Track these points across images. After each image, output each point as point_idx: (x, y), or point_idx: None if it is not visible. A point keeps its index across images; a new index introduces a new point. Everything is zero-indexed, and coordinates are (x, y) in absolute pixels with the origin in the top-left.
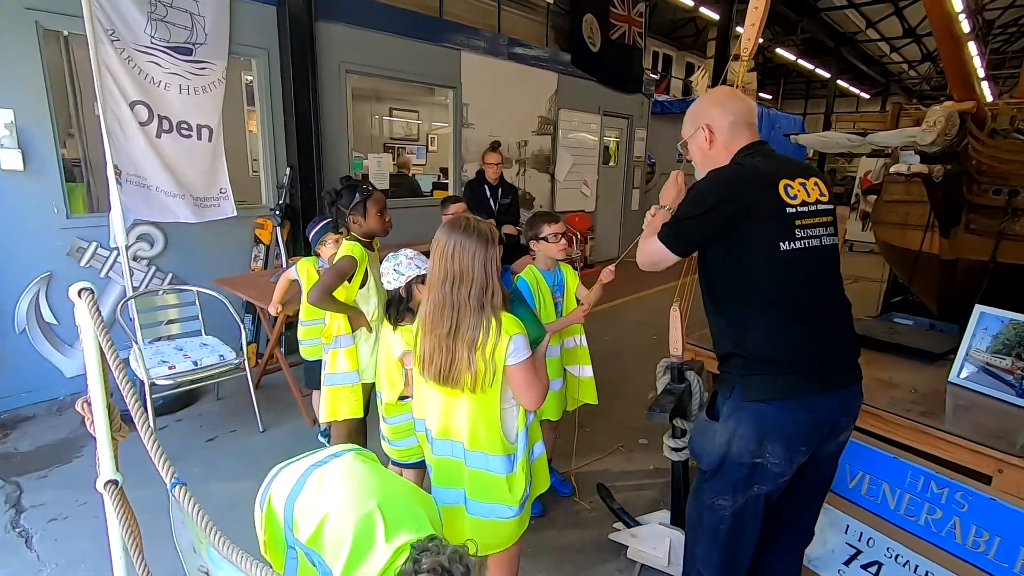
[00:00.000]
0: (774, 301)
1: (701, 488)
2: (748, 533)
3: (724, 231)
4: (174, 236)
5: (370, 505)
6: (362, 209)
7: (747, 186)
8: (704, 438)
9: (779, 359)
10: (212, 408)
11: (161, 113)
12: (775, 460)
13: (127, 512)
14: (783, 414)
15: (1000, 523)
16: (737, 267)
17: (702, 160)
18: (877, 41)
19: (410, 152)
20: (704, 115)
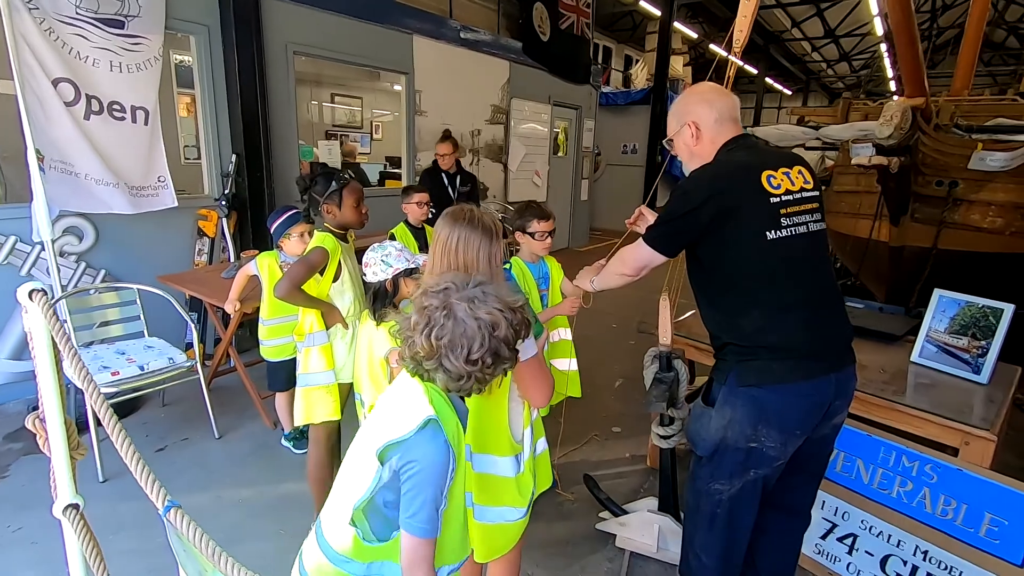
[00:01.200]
0: (764, 289)
1: (697, 474)
2: (745, 517)
3: (711, 227)
4: (106, 229)
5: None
6: (337, 198)
7: (731, 181)
8: (700, 424)
9: (772, 345)
10: (158, 415)
11: (89, 92)
12: (770, 444)
13: (90, 539)
14: (777, 398)
15: (966, 492)
16: (726, 259)
17: (688, 156)
18: (800, 40)
19: (354, 140)
20: (690, 112)
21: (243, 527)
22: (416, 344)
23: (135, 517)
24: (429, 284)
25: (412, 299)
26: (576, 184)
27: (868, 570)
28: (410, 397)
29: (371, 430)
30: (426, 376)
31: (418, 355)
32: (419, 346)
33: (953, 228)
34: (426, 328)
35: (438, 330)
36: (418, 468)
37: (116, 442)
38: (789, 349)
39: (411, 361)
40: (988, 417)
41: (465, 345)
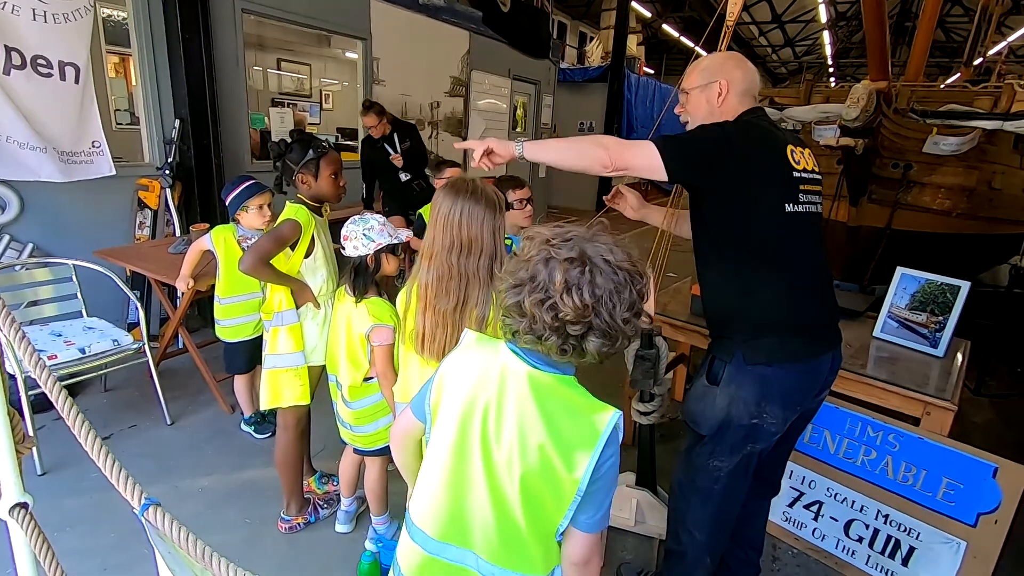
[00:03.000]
0: (782, 262)
1: (696, 451)
2: (739, 490)
3: (735, 174)
4: (33, 198)
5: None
6: (314, 168)
7: (764, 142)
8: (703, 404)
9: (785, 321)
10: (99, 401)
11: (9, 44)
12: (772, 420)
13: (42, 540)
14: (786, 376)
15: (926, 458)
16: (744, 226)
17: (706, 113)
18: (749, 24)
19: (303, 110)
20: (724, 71)
21: (204, 518)
22: (565, 305)
23: (83, 512)
24: (545, 235)
25: (523, 253)
26: None
27: (832, 534)
28: (564, 395)
29: (513, 443)
30: (569, 349)
31: (566, 317)
32: (568, 307)
33: (906, 209)
34: (574, 285)
35: (588, 285)
36: (609, 465)
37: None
38: (798, 327)
39: (550, 331)
40: (946, 388)
41: (619, 298)
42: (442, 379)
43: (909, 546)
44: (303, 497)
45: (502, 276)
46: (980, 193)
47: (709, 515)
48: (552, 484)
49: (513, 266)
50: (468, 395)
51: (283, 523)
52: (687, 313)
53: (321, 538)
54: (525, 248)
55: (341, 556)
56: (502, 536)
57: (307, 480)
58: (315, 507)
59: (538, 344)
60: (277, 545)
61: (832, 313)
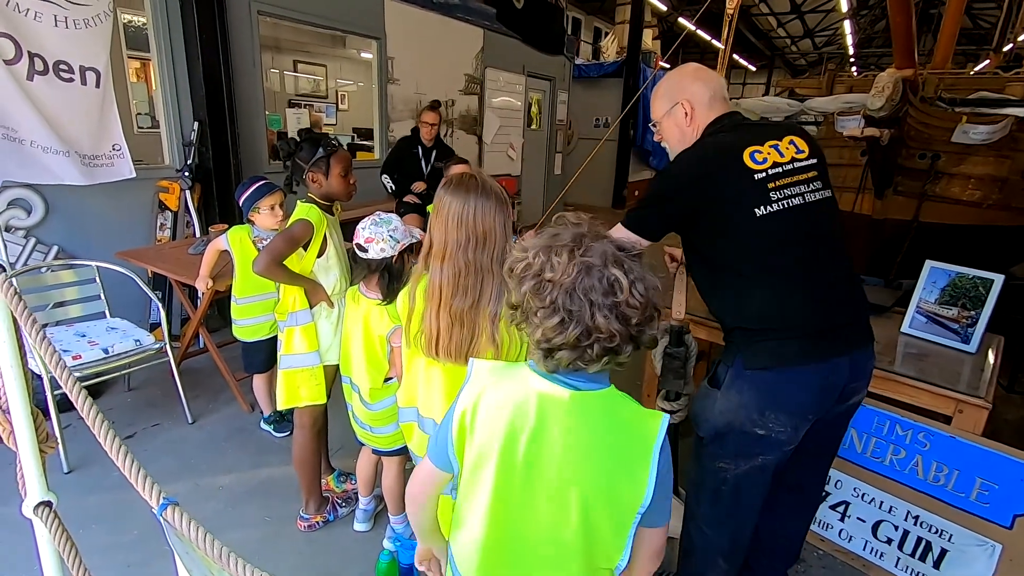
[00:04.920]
0: (762, 269)
1: (701, 452)
2: (752, 497)
3: (696, 213)
4: (57, 202)
5: None
6: (324, 166)
7: (712, 163)
8: (703, 405)
9: (778, 326)
10: (124, 401)
11: (32, 50)
12: (779, 428)
13: (66, 538)
14: (787, 381)
15: (958, 458)
16: (720, 242)
17: (679, 137)
18: (767, 15)
19: (319, 110)
20: (683, 90)
21: (225, 516)
22: (632, 308)
23: (106, 510)
24: (559, 245)
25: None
26: (550, 158)
27: (860, 536)
28: (611, 410)
29: (578, 451)
30: (631, 351)
31: (634, 319)
32: (636, 307)
33: (934, 201)
34: (630, 284)
35: (638, 280)
36: (667, 468)
37: (98, 432)
38: (796, 329)
39: (626, 341)
40: (979, 385)
41: (650, 280)
42: (464, 419)
43: (941, 548)
44: (322, 496)
45: (532, 309)
46: (1013, 183)
47: (719, 515)
48: (613, 507)
49: (538, 295)
50: (505, 431)
51: (302, 521)
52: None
53: (339, 536)
54: (532, 266)
55: (359, 555)
56: (557, 573)
57: (326, 479)
58: (333, 506)
59: (613, 360)
60: (296, 543)
61: (845, 312)
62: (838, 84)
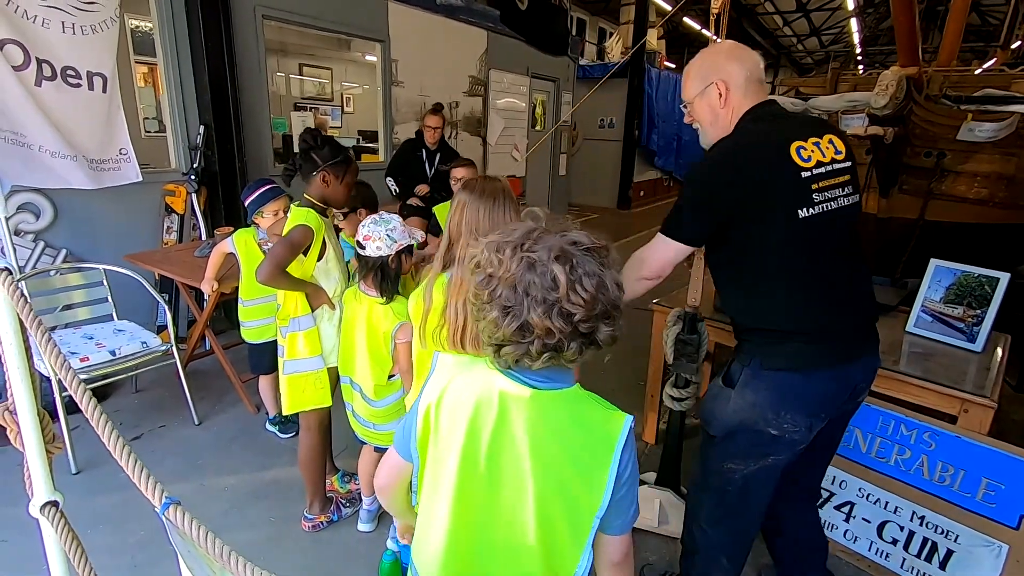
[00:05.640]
0: (796, 271)
1: (709, 452)
2: (759, 497)
3: (739, 209)
4: (65, 206)
5: None
6: (341, 171)
7: (756, 157)
8: (716, 404)
9: (803, 328)
10: (131, 402)
11: (40, 56)
12: (794, 429)
13: (72, 537)
14: (805, 384)
15: (964, 458)
16: (755, 241)
17: (711, 120)
18: (772, 14)
19: (324, 113)
20: (717, 69)
21: (230, 516)
22: (575, 304)
23: (113, 510)
24: (505, 242)
25: (484, 270)
26: (555, 158)
27: (865, 536)
28: (572, 410)
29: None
30: (584, 348)
31: (577, 316)
32: (578, 304)
33: (939, 199)
34: (576, 280)
35: (585, 275)
36: (630, 470)
37: (101, 432)
38: (821, 332)
39: (568, 338)
40: (985, 385)
41: (608, 276)
42: (429, 413)
43: (947, 549)
44: (326, 496)
45: (477, 305)
46: (1020, 180)
47: (722, 514)
48: (572, 511)
49: (484, 290)
50: (467, 426)
51: (306, 522)
52: (710, 309)
53: (343, 536)
54: (483, 264)
55: (363, 555)
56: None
57: (330, 479)
58: (337, 506)
59: (556, 358)
60: (300, 543)
61: (864, 315)
62: (842, 82)
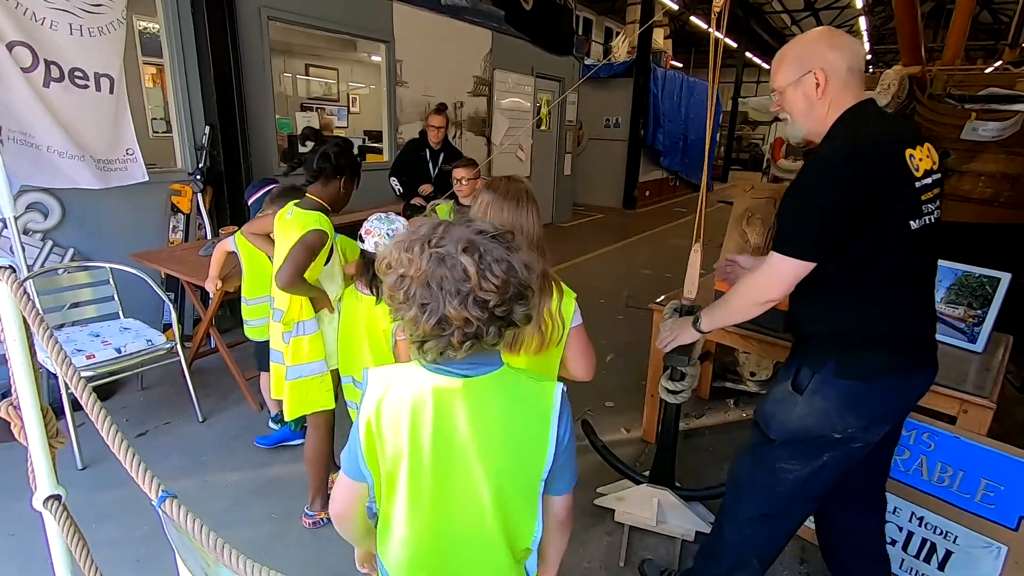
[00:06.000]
0: (895, 281)
1: (765, 452)
2: (806, 501)
3: (854, 217)
4: (73, 205)
5: None
6: (354, 175)
7: (877, 158)
8: (780, 408)
9: (888, 336)
10: (137, 399)
11: (48, 58)
12: (858, 435)
13: (74, 531)
14: (879, 392)
15: (963, 458)
16: (863, 249)
17: (806, 111)
18: (780, 13)
19: (330, 113)
20: (816, 57)
21: (232, 512)
22: (487, 291)
23: (118, 505)
24: (413, 239)
25: (396, 271)
26: (559, 158)
27: None
28: (506, 389)
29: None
30: (503, 331)
31: (491, 302)
32: (490, 291)
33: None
34: (486, 268)
35: (493, 261)
36: (568, 436)
37: (101, 428)
38: (903, 341)
39: (486, 324)
40: (985, 385)
41: (515, 259)
42: (371, 427)
43: (946, 550)
44: (327, 493)
45: (394, 306)
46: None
47: (768, 513)
48: (521, 480)
49: (399, 290)
50: (409, 431)
51: (307, 518)
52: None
53: None
54: (393, 264)
55: None
56: (484, 560)
57: (331, 476)
58: None
59: (478, 344)
60: (302, 539)
61: (933, 326)
62: None
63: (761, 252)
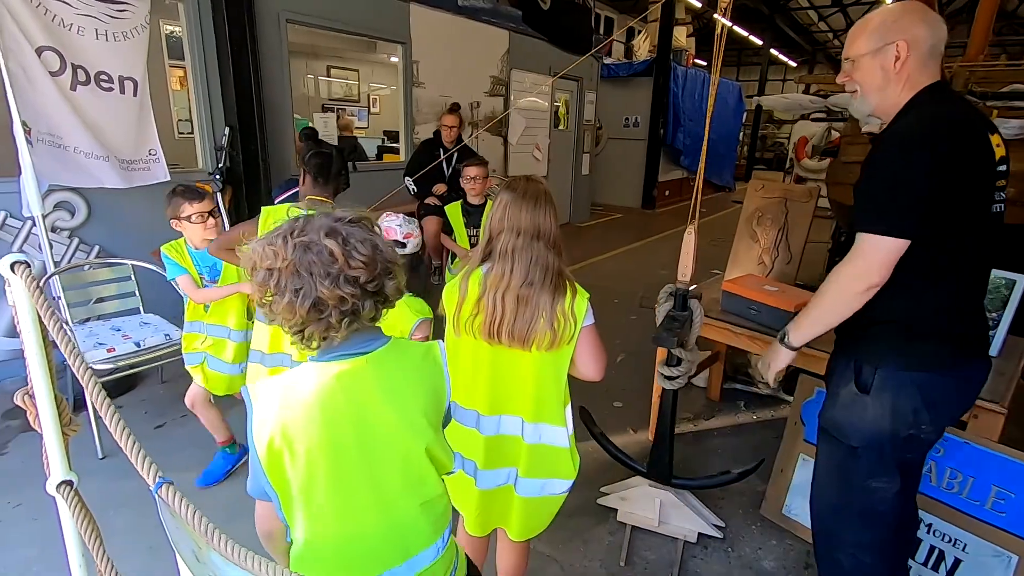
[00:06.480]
0: (965, 268)
1: (850, 468)
2: (907, 507)
3: (941, 195)
4: (98, 204)
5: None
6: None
7: (967, 136)
8: (852, 412)
9: (949, 327)
10: (156, 392)
11: (75, 62)
12: (930, 429)
13: (85, 515)
14: (945, 384)
15: (973, 464)
16: (939, 229)
17: (878, 85)
18: (807, 9)
19: (351, 114)
20: (903, 29)
21: (241, 504)
22: (355, 269)
23: (135, 494)
24: (277, 235)
25: (263, 265)
26: (577, 158)
27: None
28: (400, 355)
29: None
30: (380, 304)
31: (362, 278)
32: (359, 268)
33: None
34: (352, 248)
35: (357, 242)
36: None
37: (105, 418)
38: (961, 333)
39: (360, 299)
40: (998, 390)
41: (378, 240)
42: (273, 444)
43: (955, 558)
44: None
45: (266, 301)
46: None
47: (876, 538)
48: (433, 427)
49: (269, 283)
50: (324, 428)
51: None
52: (717, 309)
53: None
54: (258, 262)
55: None
56: (403, 529)
57: None
58: None
59: (356, 321)
60: None
61: (986, 319)
62: None
63: (771, 253)
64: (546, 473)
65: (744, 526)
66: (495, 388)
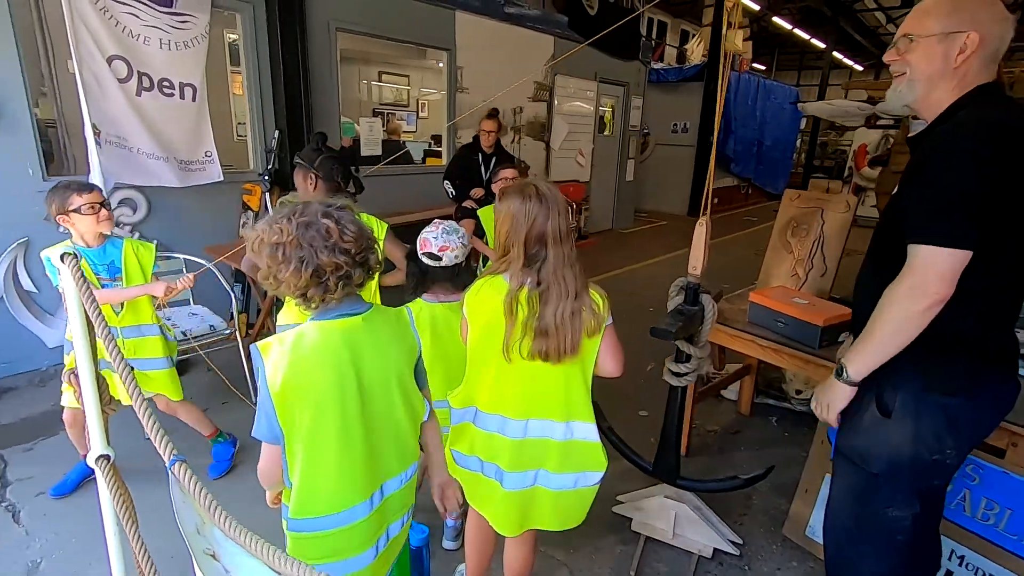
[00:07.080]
0: (1007, 283)
1: (869, 496)
2: (928, 538)
3: (1004, 207)
4: (158, 201)
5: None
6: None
7: (1020, 141)
8: (873, 436)
9: (981, 344)
10: (203, 380)
11: (141, 69)
12: (954, 453)
13: (120, 487)
14: (973, 407)
15: (1012, 496)
16: (997, 242)
17: (936, 73)
18: (874, 11)
19: (400, 118)
20: (979, 18)
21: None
22: (348, 241)
23: None
24: (277, 219)
25: (269, 243)
26: (622, 164)
27: None
28: (384, 318)
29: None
30: (368, 271)
31: (353, 248)
32: (350, 241)
33: None
34: (344, 225)
35: (347, 222)
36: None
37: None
38: (992, 350)
39: (353, 267)
40: None
41: (359, 222)
42: (288, 382)
43: None
44: None
45: (272, 271)
46: None
47: (896, 566)
48: (409, 375)
49: (277, 254)
50: (334, 373)
51: None
52: (744, 321)
53: None
54: (266, 239)
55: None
56: (404, 448)
57: None
58: None
59: (349, 285)
60: None
61: (1016, 335)
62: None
63: (805, 264)
64: (579, 467)
65: (764, 545)
66: (525, 393)
